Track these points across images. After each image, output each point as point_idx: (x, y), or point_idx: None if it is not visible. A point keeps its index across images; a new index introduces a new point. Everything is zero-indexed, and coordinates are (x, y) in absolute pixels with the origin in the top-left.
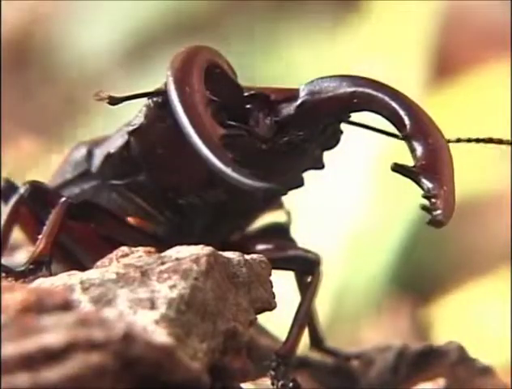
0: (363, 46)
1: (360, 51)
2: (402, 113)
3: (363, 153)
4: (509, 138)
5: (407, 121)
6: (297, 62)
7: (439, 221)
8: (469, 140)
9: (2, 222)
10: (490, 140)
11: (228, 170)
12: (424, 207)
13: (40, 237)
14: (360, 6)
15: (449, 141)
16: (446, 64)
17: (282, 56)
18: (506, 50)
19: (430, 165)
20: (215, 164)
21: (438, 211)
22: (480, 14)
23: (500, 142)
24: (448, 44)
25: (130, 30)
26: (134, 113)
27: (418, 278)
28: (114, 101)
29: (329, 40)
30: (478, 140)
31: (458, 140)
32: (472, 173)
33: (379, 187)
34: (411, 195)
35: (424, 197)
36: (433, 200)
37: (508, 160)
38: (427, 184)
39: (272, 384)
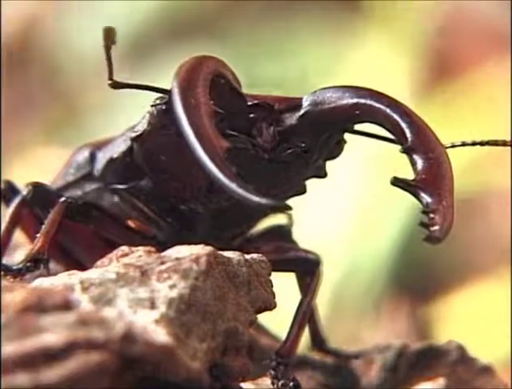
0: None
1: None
2: (404, 125)
3: (362, 151)
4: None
5: (408, 134)
6: (298, 63)
7: (436, 238)
8: (463, 144)
9: (5, 223)
10: (485, 143)
11: (232, 186)
12: (422, 223)
13: (37, 235)
14: (362, 7)
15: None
16: (446, 64)
17: (283, 56)
18: (506, 50)
19: (430, 180)
20: (220, 179)
21: (436, 227)
22: (480, 14)
23: (495, 144)
24: (448, 45)
25: (130, 30)
26: (135, 114)
27: (418, 277)
28: (116, 85)
29: (331, 40)
30: (474, 144)
31: (453, 146)
32: (473, 172)
33: (379, 186)
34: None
35: (423, 212)
36: (432, 215)
37: (508, 160)
38: (426, 198)
39: (272, 384)
